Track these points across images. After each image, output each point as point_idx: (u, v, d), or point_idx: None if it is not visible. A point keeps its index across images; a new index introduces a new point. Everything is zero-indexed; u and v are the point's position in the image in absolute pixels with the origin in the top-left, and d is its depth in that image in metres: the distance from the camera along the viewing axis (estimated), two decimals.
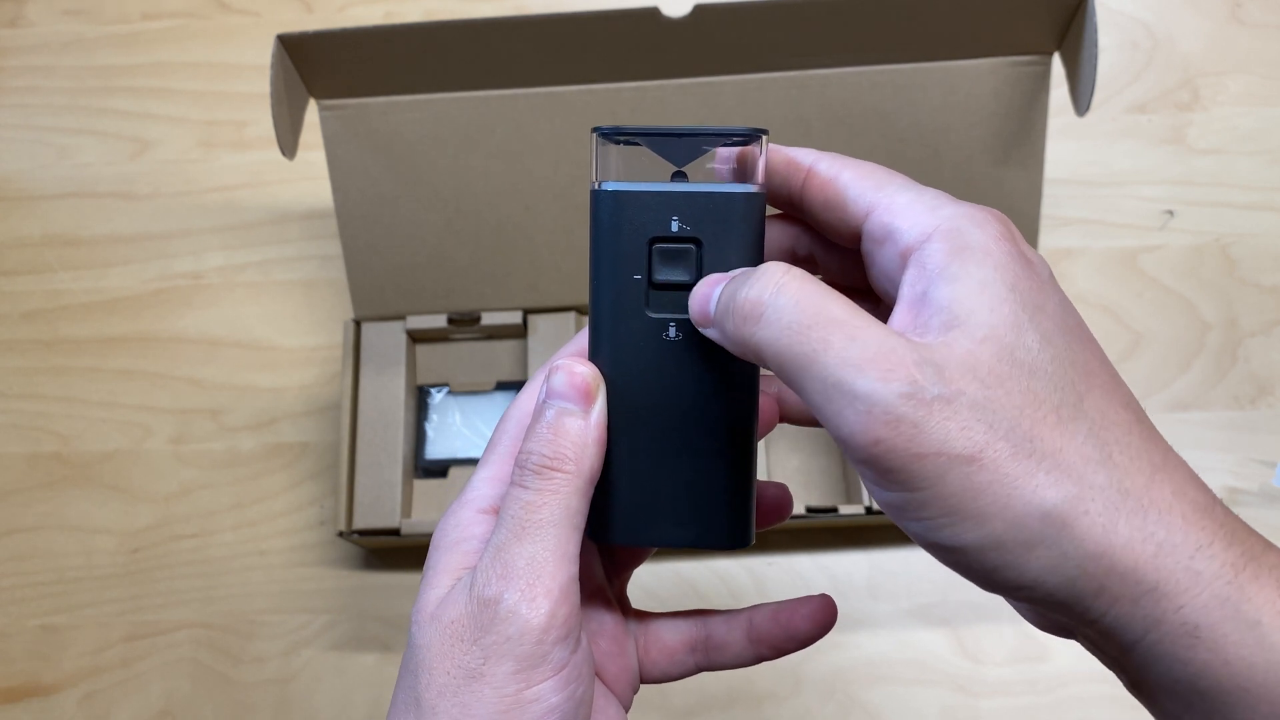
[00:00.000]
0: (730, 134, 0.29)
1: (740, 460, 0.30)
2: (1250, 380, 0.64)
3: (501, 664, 0.27)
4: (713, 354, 0.29)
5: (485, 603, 0.27)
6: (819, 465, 0.64)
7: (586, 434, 0.29)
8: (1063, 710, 0.59)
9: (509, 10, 0.77)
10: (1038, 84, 0.55)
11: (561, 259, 0.61)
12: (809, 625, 0.33)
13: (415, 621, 0.29)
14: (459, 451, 0.64)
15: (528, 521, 0.28)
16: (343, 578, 0.64)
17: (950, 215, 0.26)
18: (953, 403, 0.23)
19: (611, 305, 0.30)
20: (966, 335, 0.24)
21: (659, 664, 0.34)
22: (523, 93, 0.56)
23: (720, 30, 0.52)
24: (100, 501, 0.66)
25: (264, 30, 0.77)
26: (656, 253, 0.29)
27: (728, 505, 0.30)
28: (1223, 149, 0.70)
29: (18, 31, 0.78)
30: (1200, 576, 0.22)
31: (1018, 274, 0.25)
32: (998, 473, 0.23)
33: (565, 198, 0.59)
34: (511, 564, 0.27)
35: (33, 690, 0.62)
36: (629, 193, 0.29)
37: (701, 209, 0.29)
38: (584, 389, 0.29)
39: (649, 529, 0.31)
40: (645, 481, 0.30)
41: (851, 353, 0.23)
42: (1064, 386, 0.24)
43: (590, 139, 0.30)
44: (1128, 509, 0.23)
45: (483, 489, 0.31)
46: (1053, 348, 0.24)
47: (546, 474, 0.28)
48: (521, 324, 0.64)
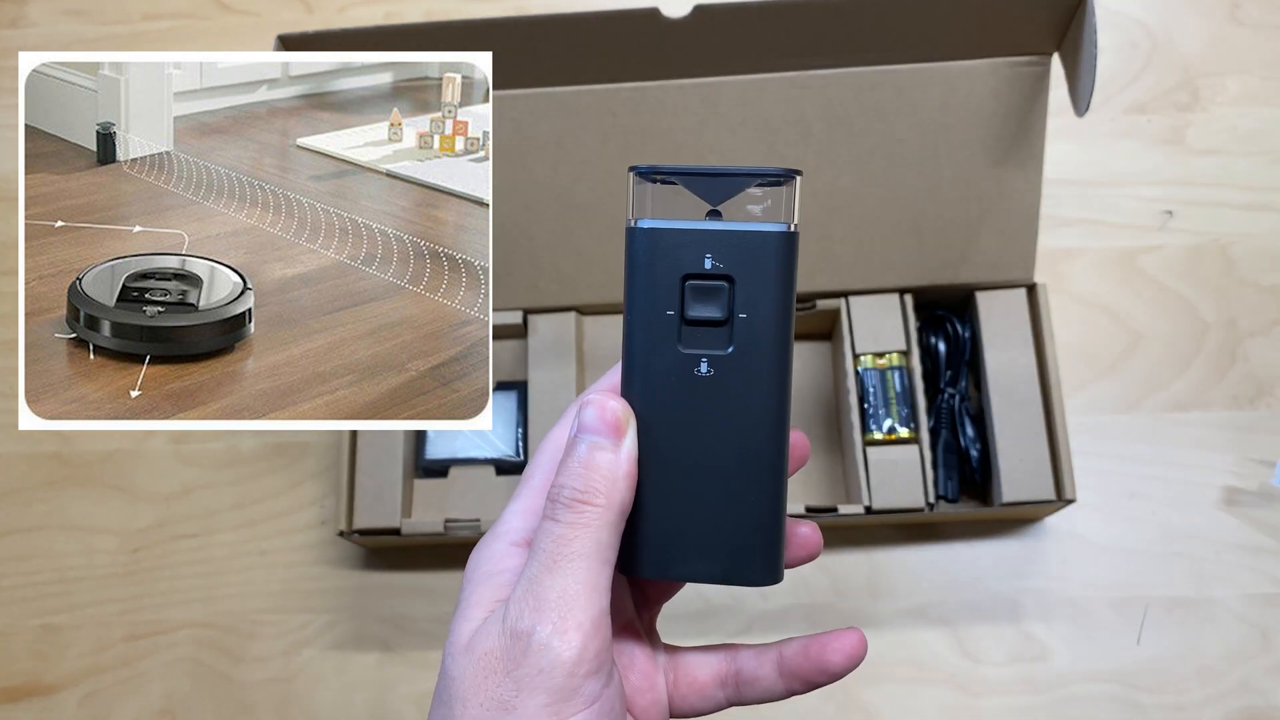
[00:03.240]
0: (764, 174, 0.30)
1: (770, 497, 0.30)
2: (1249, 380, 0.64)
3: (534, 697, 0.27)
4: (744, 391, 0.30)
5: (518, 635, 0.27)
6: (819, 465, 0.64)
7: (617, 468, 0.29)
8: (1062, 710, 0.59)
9: (509, 10, 0.77)
10: (1037, 84, 0.55)
11: (561, 259, 0.61)
12: (840, 659, 0.33)
13: (449, 654, 0.29)
14: (459, 451, 0.64)
15: (559, 555, 0.28)
16: (343, 577, 0.64)
17: None
18: None
19: (644, 341, 0.30)
20: None
21: (688, 699, 0.34)
22: (523, 93, 0.56)
23: (720, 30, 0.52)
24: (101, 501, 0.66)
25: (264, 30, 0.77)
26: (690, 290, 0.30)
27: (757, 542, 0.31)
28: (1222, 149, 0.70)
29: (18, 32, 0.79)
30: None
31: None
32: None
33: (565, 198, 0.59)
34: (543, 597, 0.27)
35: (33, 690, 0.62)
36: (664, 230, 0.30)
37: (734, 247, 0.29)
38: (615, 423, 0.29)
39: (678, 564, 0.31)
40: (675, 517, 0.31)
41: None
42: None
43: (627, 178, 0.30)
44: None
45: (515, 522, 0.31)
46: None
47: (578, 508, 0.28)
48: (521, 324, 0.64)
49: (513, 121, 0.57)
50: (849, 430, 0.61)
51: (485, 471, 0.64)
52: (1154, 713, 0.58)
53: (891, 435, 0.59)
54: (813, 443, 0.64)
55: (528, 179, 0.59)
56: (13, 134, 0.76)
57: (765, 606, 0.62)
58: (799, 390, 0.66)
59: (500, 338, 0.66)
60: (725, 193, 0.30)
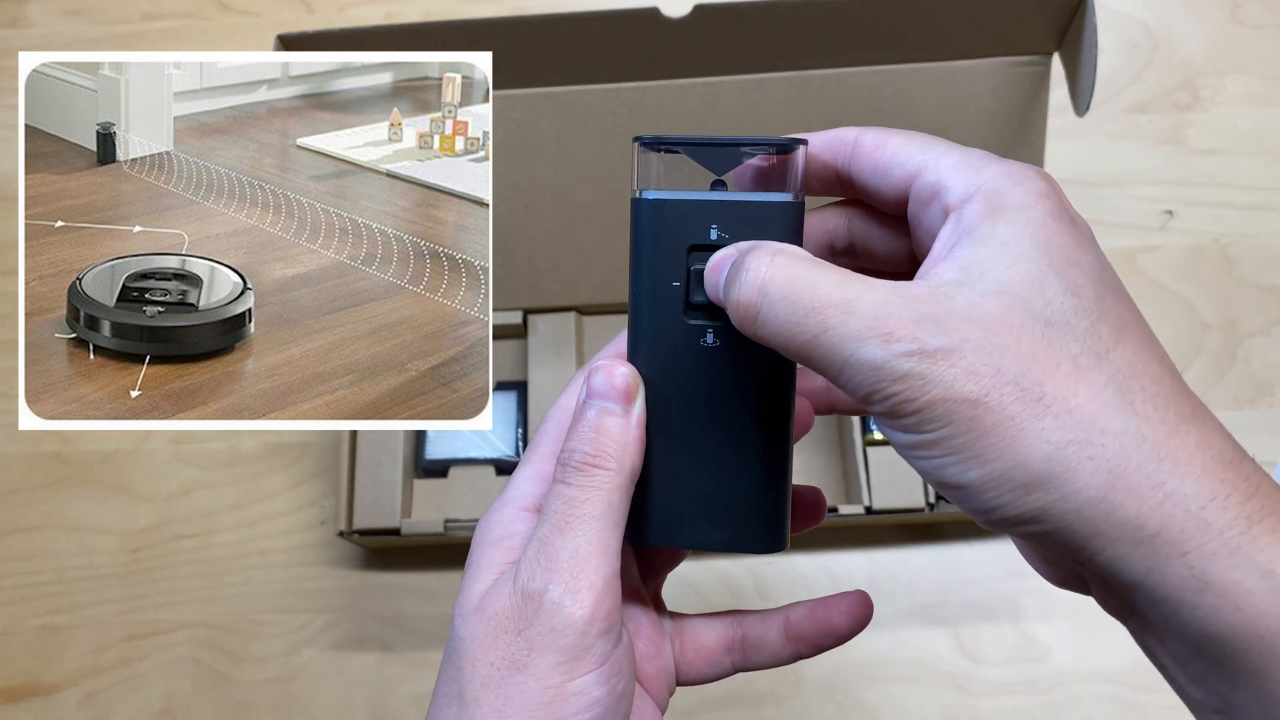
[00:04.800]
0: (770, 143, 0.30)
1: (776, 464, 0.31)
2: (1250, 380, 0.64)
3: (545, 656, 0.27)
4: (749, 360, 0.30)
5: (529, 595, 0.27)
6: (819, 465, 0.64)
7: (627, 432, 0.29)
8: (1062, 710, 0.59)
9: (509, 10, 0.77)
10: (1038, 84, 0.55)
11: (561, 259, 0.61)
12: (847, 621, 0.33)
13: (458, 615, 0.29)
14: (459, 451, 0.64)
15: (571, 516, 0.28)
16: (343, 578, 0.64)
17: (993, 175, 0.26)
18: (956, 350, 0.23)
19: (650, 311, 0.30)
20: (972, 289, 0.24)
21: (695, 665, 0.34)
22: (523, 93, 0.56)
23: (720, 30, 0.52)
24: (100, 501, 0.66)
25: (264, 30, 0.77)
26: (695, 260, 0.30)
27: (763, 509, 0.31)
28: (1222, 149, 0.70)
29: (18, 32, 0.79)
30: (1210, 527, 0.22)
31: (1052, 230, 0.25)
32: (1002, 415, 0.23)
33: (565, 198, 0.59)
34: (555, 557, 0.27)
35: (33, 690, 0.62)
36: (669, 201, 0.30)
37: (739, 217, 0.29)
38: (624, 389, 0.29)
39: (684, 531, 0.31)
40: (681, 484, 0.31)
41: (850, 327, 0.24)
42: (1087, 336, 0.24)
43: (631, 148, 0.30)
44: (1141, 455, 0.23)
45: (525, 487, 0.31)
46: (1079, 300, 0.24)
47: (589, 471, 0.28)
48: (521, 324, 0.64)
49: (513, 121, 0.57)
50: (849, 430, 0.61)
51: (485, 471, 0.64)
52: (1154, 713, 0.58)
53: None
54: (813, 443, 0.64)
55: (528, 179, 0.59)
56: (13, 134, 0.76)
57: (765, 606, 0.62)
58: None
59: (500, 338, 0.66)
60: (730, 163, 0.30)
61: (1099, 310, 0.25)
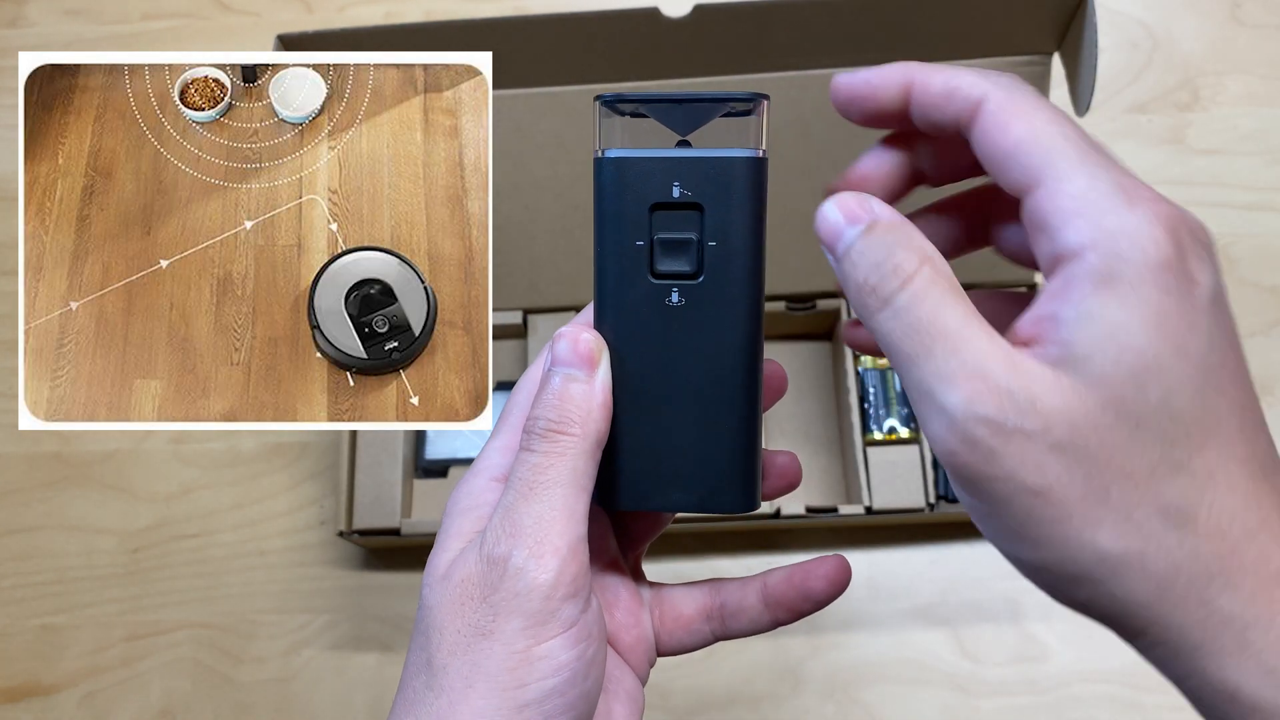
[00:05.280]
0: (731, 99, 0.30)
1: (745, 424, 0.30)
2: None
3: (510, 621, 0.27)
4: (715, 318, 0.30)
5: (494, 561, 0.27)
6: (819, 465, 0.64)
7: (591, 398, 0.29)
8: (1062, 710, 0.59)
9: (509, 10, 0.77)
10: (1038, 84, 0.55)
11: (561, 259, 0.61)
12: (824, 585, 0.33)
13: (426, 584, 0.29)
14: (459, 451, 0.64)
15: (535, 483, 0.28)
16: (343, 578, 0.64)
17: (1113, 231, 0.24)
18: (1032, 438, 0.23)
19: (615, 271, 0.30)
20: (1076, 377, 0.23)
21: (675, 634, 0.34)
22: (523, 93, 0.56)
23: (720, 30, 0.52)
24: (100, 501, 0.66)
25: (264, 30, 0.77)
26: (658, 219, 0.29)
27: (733, 469, 0.31)
28: (1223, 149, 0.70)
29: (18, 32, 0.79)
30: (1249, 646, 0.23)
31: (1166, 312, 0.24)
32: (1062, 510, 0.23)
33: (565, 198, 0.59)
34: (519, 523, 0.28)
35: (33, 690, 0.62)
36: (631, 159, 0.29)
37: (703, 174, 0.29)
38: (588, 354, 0.29)
39: (656, 495, 0.31)
40: (651, 447, 0.30)
41: (949, 366, 0.24)
42: (1172, 441, 0.24)
43: (593, 107, 0.30)
44: (1192, 572, 0.23)
45: (494, 458, 0.31)
46: (1176, 399, 0.24)
47: (553, 437, 0.28)
48: (521, 324, 0.64)
49: (513, 121, 0.57)
50: (849, 430, 0.61)
51: None
52: (1154, 713, 0.58)
53: (892, 435, 0.59)
54: (813, 443, 0.64)
55: (528, 179, 0.59)
56: (13, 134, 0.76)
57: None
58: (799, 389, 0.66)
59: (500, 338, 0.66)
60: (692, 120, 0.30)
61: (1193, 411, 0.24)
